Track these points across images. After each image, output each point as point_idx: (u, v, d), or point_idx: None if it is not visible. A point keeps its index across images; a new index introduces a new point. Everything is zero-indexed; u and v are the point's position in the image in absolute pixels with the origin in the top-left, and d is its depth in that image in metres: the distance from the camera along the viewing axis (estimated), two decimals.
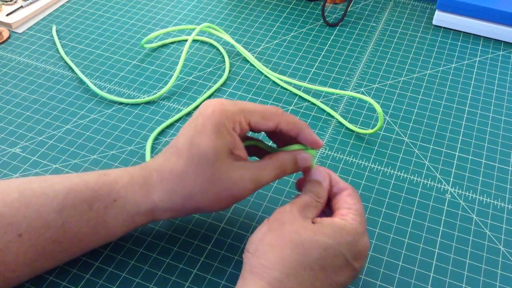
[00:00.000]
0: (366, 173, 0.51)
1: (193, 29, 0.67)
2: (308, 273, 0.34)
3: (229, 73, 0.62)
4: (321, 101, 0.58)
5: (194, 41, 0.67)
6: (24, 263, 0.37)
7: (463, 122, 0.56)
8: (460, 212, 0.47)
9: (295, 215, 0.37)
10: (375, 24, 0.69)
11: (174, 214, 0.41)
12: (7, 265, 0.37)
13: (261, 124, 0.39)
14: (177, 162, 0.39)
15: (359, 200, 0.40)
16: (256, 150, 0.44)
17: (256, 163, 0.40)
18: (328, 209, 0.42)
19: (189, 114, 0.57)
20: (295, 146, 0.42)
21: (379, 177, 0.50)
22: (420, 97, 0.59)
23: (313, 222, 0.37)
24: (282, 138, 0.43)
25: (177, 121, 0.56)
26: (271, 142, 0.48)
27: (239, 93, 0.60)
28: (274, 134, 0.43)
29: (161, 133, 0.55)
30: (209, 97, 0.59)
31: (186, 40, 0.67)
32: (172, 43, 0.67)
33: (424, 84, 0.61)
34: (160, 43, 0.66)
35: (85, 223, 0.38)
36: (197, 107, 0.58)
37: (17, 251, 0.37)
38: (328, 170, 0.42)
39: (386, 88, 0.60)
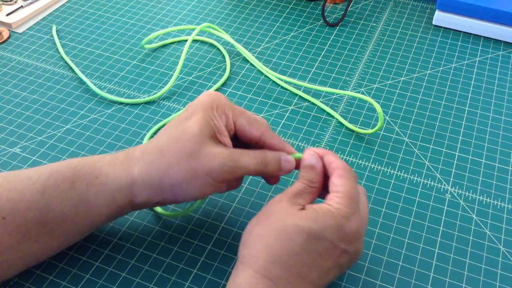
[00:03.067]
0: (366, 173, 0.51)
1: (193, 29, 0.67)
2: (294, 258, 0.34)
3: (230, 73, 0.62)
4: (321, 101, 0.58)
5: (194, 41, 0.67)
6: (9, 245, 0.38)
7: (463, 122, 0.56)
8: (460, 212, 0.47)
9: (283, 204, 0.37)
10: (375, 24, 0.69)
11: (152, 194, 0.40)
12: None
13: (246, 128, 0.41)
14: (161, 137, 0.40)
15: (349, 179, 0.38)
16: None
17: (238, 149, 0.40)
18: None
19: None
20: (295, 155, 0.42)
21: (379, 177, 0.50)
22: (420, 97, 0.59)
23: (303, 209, 0.37)
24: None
25: None
26: None
27: (239, 93, 0.60)
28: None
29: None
30: None
31: (186, 40, 0.67)
32: (172, 43, 0.67)
33: (424, 84, 0.61)
34: (160, 43, 0.66)
35: (68, 202, 0.39)
36: None
37: (1, 234, 0.37)
38: (322, 150, 0.41)
39: (386, 88, 0.60)
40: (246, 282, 0.34)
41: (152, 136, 0.54)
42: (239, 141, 0.43)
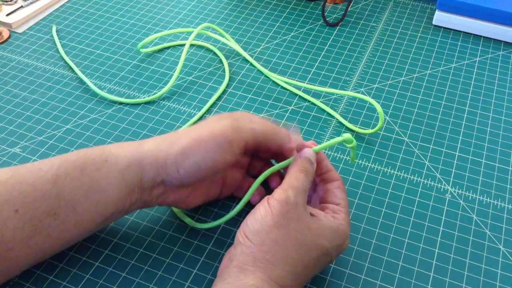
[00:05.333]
0: (366, 173, 0.51)
1: (189, 33, 0.67)
2: (304, 270, 0.37)
3: (229, 80, 0.61)
4: (321, 101, 0.58)
5: (191, 45, 0.67)
6: (21, 240, 0.38)
7: (463, 122, 0.56)
8: (460, 212, 0.47)
9: (300, 210, 0.37)
10: (375, 24, 0.69)
11: (158, 169, 0.40)
12: (5, 243, 0.37)
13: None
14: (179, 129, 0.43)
15: (345, 193, 0.42)
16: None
17: None
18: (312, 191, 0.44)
19: (202, 118, 0.57)
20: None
21: (379, 177, 0.50)
22: (420, 97, 0.59)
23: (313, 215, 0.38)
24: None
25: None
26: None
27: (239, 93, 0.60)
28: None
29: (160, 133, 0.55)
30: (214, 102, 0.58)
31: (182, 45, 0.67)
32: (169, 47, 0.67)
33: (424, 84, 0.61)
34: (156, 47, 0.66)
35: (79, 189, 0.39)
36: (207, 111, 0.58)
37: (14, 228, 0.37)
38: (321, 154, 0.43)
39: (386, 88, 0.60)
40: (257, 285, 0.34)
41: None
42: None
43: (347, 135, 0.42)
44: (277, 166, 0.43)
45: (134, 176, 0.40)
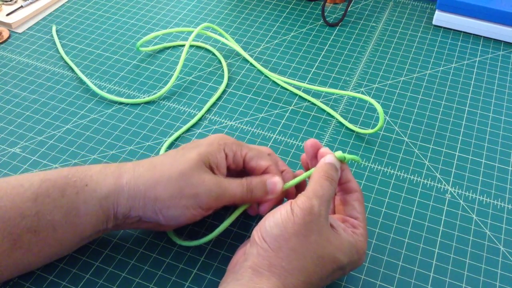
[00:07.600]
0: (366, 173, 0.51)
1: (189, 31, 0.67)
2: (317, 281, 0.37)
3: (228, 80, 0.61)
4: (321, 101, 0.58)
5: (191, 46, 0.67)
6: (1, 253, 0.38)
7: (463, 122, 0.56)
8: (460, 212, 0.47)
9: (323, 222, 0.37)
10: (375, 24, 0.69)
11: (135, 206, 0.40)
12: None
13: (254, 161, 0.42)
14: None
15: (364, 205, 0.41)
16: None
17: (227, 178, 0.41)
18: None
19: (202, 118, 0.57)
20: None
21: (379, 177, 0.50)
22: (420, 97, 0.59)
23: (333, 228, 0.38)
24: None
25: (193, 126, 0.56)
26: None
27: (239, 93, 0.60)
28: None
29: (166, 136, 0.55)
30: (214, 102, 0.58)
31: (182, 45, 0.67)
32: (169, 47, 0.67)
33: (424, 84, 0.61)
34: (156, 47, 0.66)
35: (58, 210, 0.39)
36: (207, 111, 0.58)
37: None
38: (344, 164, 0.42)
39: (386, 88, 0.60)
40: None
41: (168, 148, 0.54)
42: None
43: (338, 153, 0.41)
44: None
45: (110, 207, 0.40)
